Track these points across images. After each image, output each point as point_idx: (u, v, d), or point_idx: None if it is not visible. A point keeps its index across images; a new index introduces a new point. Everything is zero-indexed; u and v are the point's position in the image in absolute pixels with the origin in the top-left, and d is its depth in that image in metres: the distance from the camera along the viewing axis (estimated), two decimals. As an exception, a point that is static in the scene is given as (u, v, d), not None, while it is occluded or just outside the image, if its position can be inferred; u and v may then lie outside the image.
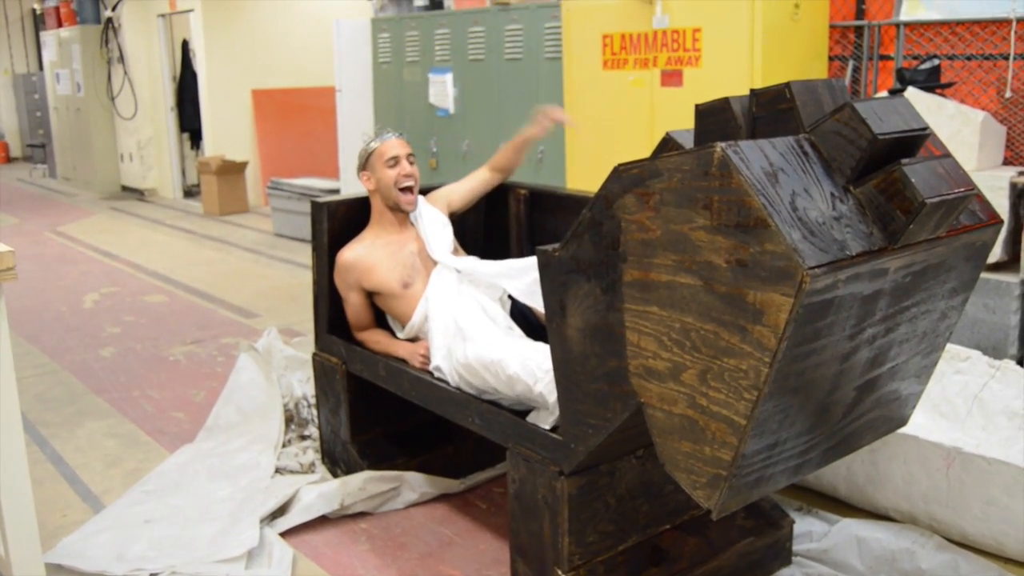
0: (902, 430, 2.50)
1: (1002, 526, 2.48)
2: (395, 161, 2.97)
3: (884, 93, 3.77)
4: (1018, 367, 2.91)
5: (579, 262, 2.02)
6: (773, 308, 1.64)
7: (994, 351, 3.28)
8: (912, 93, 3.52)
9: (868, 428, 2.16)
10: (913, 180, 1.72)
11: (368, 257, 2.98)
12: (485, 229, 3.42)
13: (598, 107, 4.53)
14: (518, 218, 3.34)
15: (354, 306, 3.04)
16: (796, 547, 2.63)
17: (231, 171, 9.19)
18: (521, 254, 3.34)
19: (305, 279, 6.28)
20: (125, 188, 11.04)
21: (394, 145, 2.99)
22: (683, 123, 2.25)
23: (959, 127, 3.43)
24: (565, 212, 3.16)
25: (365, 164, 3.01)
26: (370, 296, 3.03)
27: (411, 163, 3.00)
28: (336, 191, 7.07)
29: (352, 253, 3.00)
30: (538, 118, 3.13)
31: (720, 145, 1.69)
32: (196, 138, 10.36)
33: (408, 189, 2.99)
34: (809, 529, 2.70)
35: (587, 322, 2.03)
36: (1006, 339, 3.30)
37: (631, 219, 1.88)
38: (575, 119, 3.08)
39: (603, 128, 4.49)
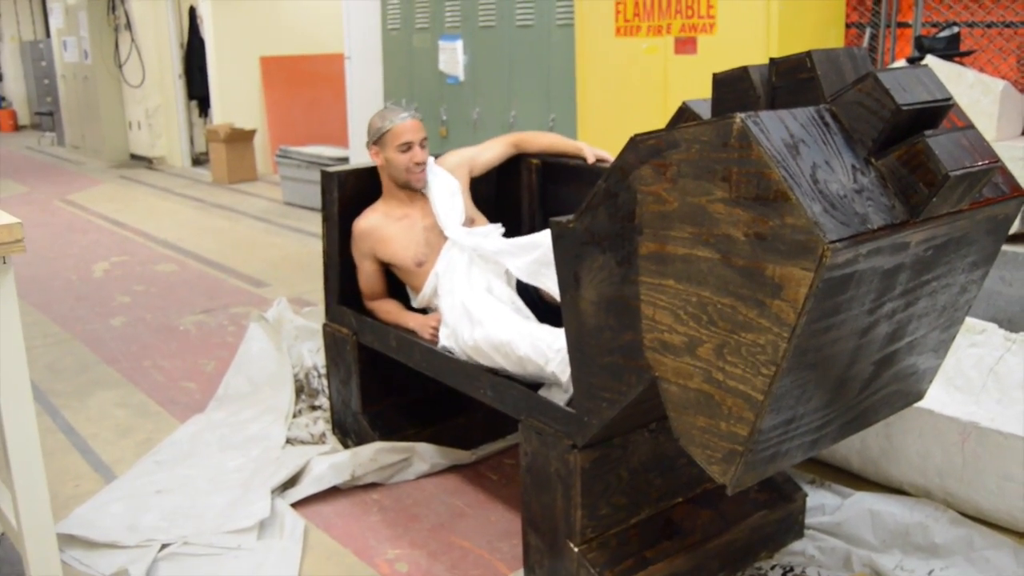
0: (917, 404, 2.48)
1: (1017, 501, 2.47)
2: (408, 147, 2.90)
3: (902, 61, 3.71)
4: (1035, 340, 2.89)
5: (594, 234, 1.99)
6: (792, 282, 1.61)
7: (1010, 324, 3.25)
8: (931, 61, 3.46)
9: (884, 403, 2.13)
10: (937, 152, 1.69)
11: (383, 228, 2.95)
12: (497, 199, 3.38)
13: (610, 75, 4.47)
14: (530, 188, 3.30)
15: (367, 274, 3.02)
16: (809, 520, 2.62)
17: (240, 139, 9.15)
18: (533, 225, 3.31)
19: (315, 248, 6.26)
20: (133, 156, 11.01)
21: (409, 129, 2.90)
22: (697, 91, 2.21)
23: (979, 96, 3.38)
24: (578, 183, 3.12)
25: (377, 140, 2.93)
26: (384, 265, 3.01)
27: (423, 147, 2.94)
28: (345, 159, 7.04)
29: (367, 222, 2.97)
30: (588, 151, 3.13)
31: (739, 115, 1.65)
32: (204, 106, 10.30)
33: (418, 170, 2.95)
34: (822, 502, 2.69)
35: (601, 295, 2.01)
36: (1022, 312, 3.26)
37: (647, 191, 1.85)
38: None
39: (615, 97, 4.44)
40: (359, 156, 6.69)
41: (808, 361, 1.73)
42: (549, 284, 2.62)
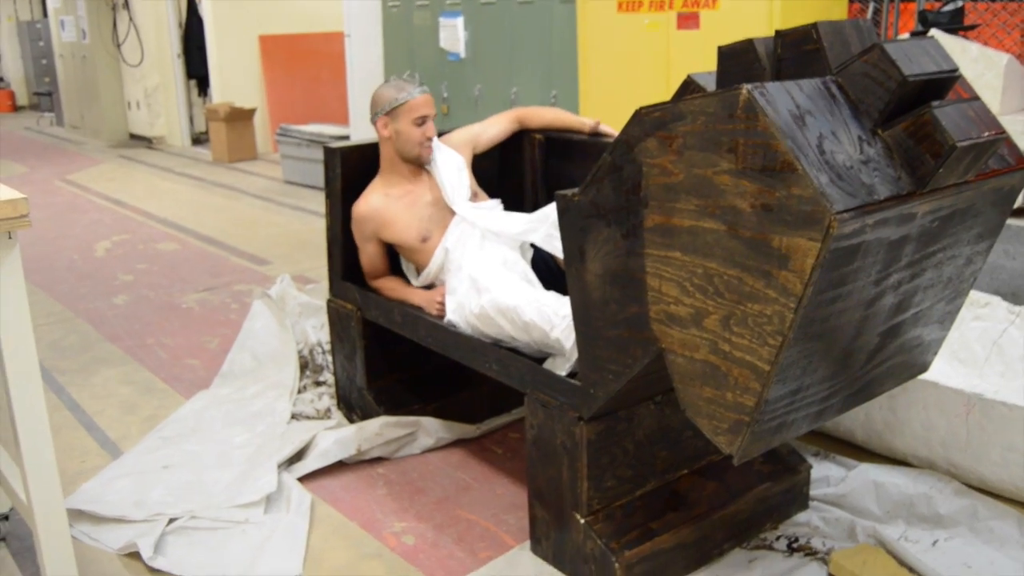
0: (922, 376, 2.49)
1: (1021, 471, 2.48)
2: (423, 120, 2.89)
3: (906, 36, 3.70)
4: (1038, 313, 2.89)
5: (599, 207, 1.99)
6: (799, 253, 1.62)
7: (1013, 297, 3.25)
8: (934, 35, 3.45)
9: (889, 374, 2.14)
10: (943, 123, 1.69)
11: (385, 210, 2.94)
12: (500, 174, 3.38)
13: (612, 51, 4.46)
14: (533, 163, 3.30)
15: (370, 255, 3.02)
16: (813, 492, 2.63)
17: (239, 118, 9.12)
18: (536, 200, 3.31)
19: (315, 226, 6.27)
20: (133, 136, 10.98)
21: (424, 103, 2.90)
22: (700, 67, 2.20)
23: (982, 70, 3.36)
24: (582, 157, 3.12)
25: (389, 112, 2.88)
26: (386, 245, 3.01)
27: (433, 122, 2.96)
28: (346, 137, 7.02)
29: (367, 205, 2.96)
30: (589, 123, 3.15)
31: (746, 87, 1.65)
32: (203, 85, 10.26)
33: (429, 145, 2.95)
34: (826, 474, 2.71)
35: (607, 268, 2.01)
36: (1026, 285, 3.26)
37: (653, 163, 1.85)
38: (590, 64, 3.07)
39: (617, 73, 4.43)
40: (360, 134, 6.68)
41: (814, 332, 1.74)
42: (560, 248, 2.62)
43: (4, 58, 15.09)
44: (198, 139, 10.49)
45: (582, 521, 2.26)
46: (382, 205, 2.94)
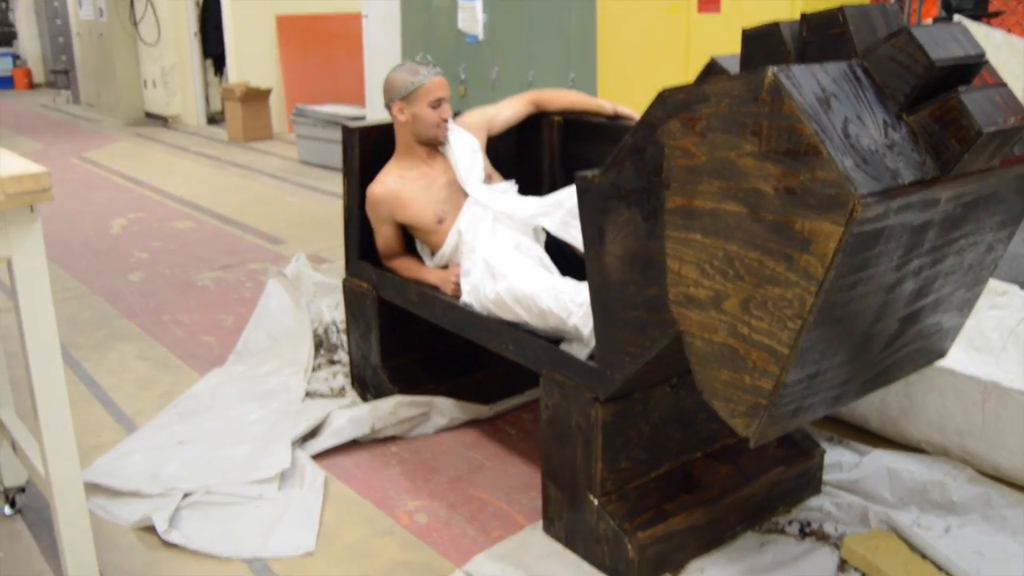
0: (938, 363, 2.48)
1: (1036, 461, 2.48)
2: (439, 102, 2.89)
3: (928, 22, 3.67)
4: (1055, 303, 2.88)
5: (619, 188, 1.99)
6: (822, 237, 1.61)
7: (1029, 287, 3.24)
8: (958, 22, 3.42)
9: (907, 360, 2.14)
10: (970, 108, 1.68)
11: (400, 191, 2.93)
12: (517, 156, 3.37)
13: (632, 34, 4.44)
14: (551, 146, 3.30)
15: (385, 237, 3.02)
16: (826, 477, 2.63)
17: (255, 98, 9.13)
18: (554, 182, 3.31)
19: (330, 206, 6.28)
20: (149, 115, 11.01)
21: (440, 85, 2.90)
22: (720, 51, 2.18)
23: (1006, 58, 3.34)
24: (600, 140, 3.12)
25: (406, 96, 2.88)
26: (401, 226, 3.01)
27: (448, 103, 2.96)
28: (362, 118, 7.00)
29: (383, 187, 2.96)
30: (609, 107, 3.14)
31: (772, 69, 1.64)
32: (219, 64, 10.27)
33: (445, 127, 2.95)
34: (840, 459, 2.70)
35: (627, 249, 2.01)
36: (1043, 275, 3.25)
37: (676, 145, 1.84)
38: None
39: (637, 56, 4.41)
40: (376, 115, 6.67)
41: (834, 316, 1.74)
42: (577, 236, 2.62)
43: (21, 36, 15.13)
44: (213, 119, 10.51)
45: (596, 502, 2.27)
46: (397, 187, 2.94)
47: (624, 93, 4.46)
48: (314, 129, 7.67)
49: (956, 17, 3.47)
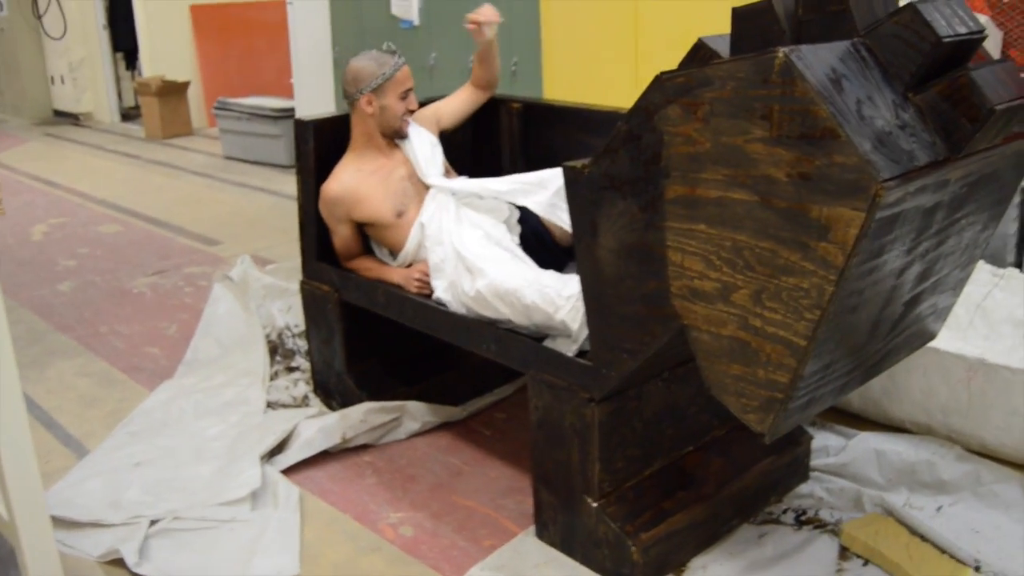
0: (920, 342, 2.47)
1: None
2: (407, 93, 2.79)
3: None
4: (1021, 274, 2.90)
5: (613, 179, 1.90)
6: (842, 223, 1.55)
7: (992, 259, 3.26)
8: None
9: (905, 343, 2.11)
10: (981, 86, 1.63)
11: (357, 188, 2.80)
12: (474, 146, 3.26)
13: (577, 16, 4.34)
14: (511, 133, 3.19)
15: (343, 237, 2.88)
16: (813, 462, 2.60)
17: (172, 92, 8.77)
18: (515, 172, 3.20)
19: (263, 203, 6.07)
20: (58, 112, 10.51)
21: (408, 75, 2.81)
22: (668, 34, 2.10)
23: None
24: (563, 125, 3.02)
25: (376, 88, 2.75)
26: (359, 226, 2.87)
27: None
28: (290, 110, 6.79)
29: (339, 185, 2.81)
30: (472, 29, 2.99)
31: (782, 50, 1.57)
32: (131, 58, 9.86)
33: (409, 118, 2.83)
34: (825, 444, 2.68)
35: (622, 242, 1.92)
36: (1005, 247, 3.27)
37: (675, 131, 1.76)
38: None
39: (582, 39, 4.32)
40: (305, 107, 6.45)
41: (851, 304, 1.68)
42: (565, 218, 2.51)
43: (-88, 33, 14.33)
44: (128, 115, 10.08)
45: (594, 505, 2.19)
46: (354, 182, 2.80)
47: (570, 76, 4.37)
48: (238, 123, 7.40)
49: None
